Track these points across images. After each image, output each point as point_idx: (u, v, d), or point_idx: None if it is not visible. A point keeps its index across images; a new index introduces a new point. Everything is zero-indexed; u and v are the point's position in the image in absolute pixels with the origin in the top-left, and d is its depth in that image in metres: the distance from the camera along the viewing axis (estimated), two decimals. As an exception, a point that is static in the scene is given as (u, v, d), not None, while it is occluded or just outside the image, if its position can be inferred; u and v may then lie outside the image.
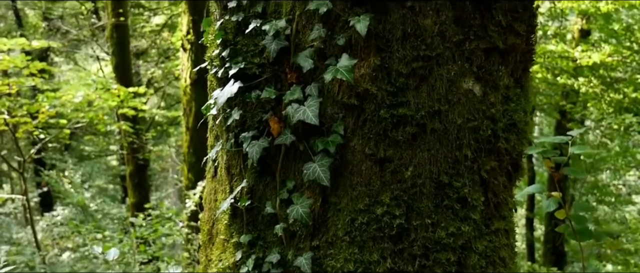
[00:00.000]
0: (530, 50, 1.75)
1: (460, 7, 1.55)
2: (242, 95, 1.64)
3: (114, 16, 9.53)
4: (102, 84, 8.70)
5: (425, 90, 1.56)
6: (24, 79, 8.31)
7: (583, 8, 8.33)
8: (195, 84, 8.00)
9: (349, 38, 1.55)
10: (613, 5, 7.99)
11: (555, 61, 9.16)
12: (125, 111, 8.54)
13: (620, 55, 8.94)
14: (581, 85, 9.53)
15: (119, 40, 9.74)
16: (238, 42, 1.67)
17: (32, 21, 12.99)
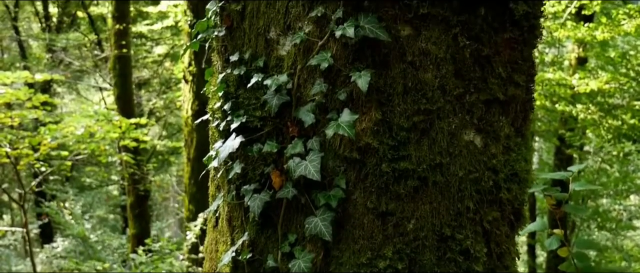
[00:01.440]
0: (530, 99, 1.76)
1: (461, 60, 1.57)
2: (244, 148, 1.65)
3: (116, 48, 9.62)
4: (104, 116, 8.73)
5: (427, 143, 1.57)
6: (27, 112, 8.34)
7: (579, 36, 8.39)
8: (196, 115, 8.03)
9: (350, 92, 1.56)
10: (609, 34, 8.05)
11: (553, 88, 9.20)
12: (127, 143, 8.55)
13: (618, 82, 8.99)
14: (579, 112, 9.56)
15: (121, 71, 9.81)
16: (240, 95, 1.69)
17: (35, 53, 13.11)
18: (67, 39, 11.67)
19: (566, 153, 10.66)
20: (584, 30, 8.13)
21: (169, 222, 13.86)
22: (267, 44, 1.65)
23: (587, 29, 8.08)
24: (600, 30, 7.97)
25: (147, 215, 10.00)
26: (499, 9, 1.57)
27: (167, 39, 12.84)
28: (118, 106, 9.85)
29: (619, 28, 7.90)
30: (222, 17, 1.70)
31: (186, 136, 8.27)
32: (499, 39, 1.60)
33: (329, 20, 1.54)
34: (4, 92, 7.96)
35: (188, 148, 8.30)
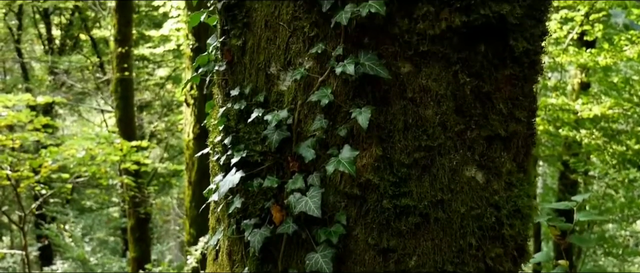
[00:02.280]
0: (532, 135, 1.75)
1: (461, 97, 1.56)
2: (244, 183, 1.64)
3: (118, 71, 9.67)
4: (105, 138, 8.74)
5: (428, 180, 1.56)
6: (28, 134, 8.35)
7: (582, 62, 8.42)
8: (198, 138, 8.04)
9: (350, 128, 1.55)
10: (611, 60, 8.07)
11: (556, 113, 9.20)
12: (128, 166, 8.55)
13: (621, 107, 8.98)
14: (583, 137, 9.54)
15: (123, 94, 9.85)
16: (240, 129, 1.68)
17: (38, 75, 13.18)
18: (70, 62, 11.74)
19: (570, 178, 10.61)
20: (586, 56, 8.16)
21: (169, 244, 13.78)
22: (267, 79, 1.64)
23: (589, 55, 8.11)
24: (603, 55, 7.99)
25: (148, 238, 9.95)
26: (499, 46, 1.57)
27: (169, 62, 12.92)
28: (119, 128, 9.87)
29: (622, 54, 7.92)
30: (223, 52, 1.70)
31: (187, 159, 8.26)
32: (500, 76, 1.60)
33: (329, 56, 1.54)
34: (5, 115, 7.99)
35: (189, 172, 8.29)
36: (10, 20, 12.71)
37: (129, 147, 8.50)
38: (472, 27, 1.52)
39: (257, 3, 1.64)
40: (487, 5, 1.52)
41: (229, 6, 1.68)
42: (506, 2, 1.55)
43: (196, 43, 7.73)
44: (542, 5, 1.66)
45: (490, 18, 1.52)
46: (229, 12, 1.68)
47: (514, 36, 1.58)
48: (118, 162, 8.60)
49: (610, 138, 9.74)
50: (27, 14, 13.20)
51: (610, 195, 11.30)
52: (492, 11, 1.52)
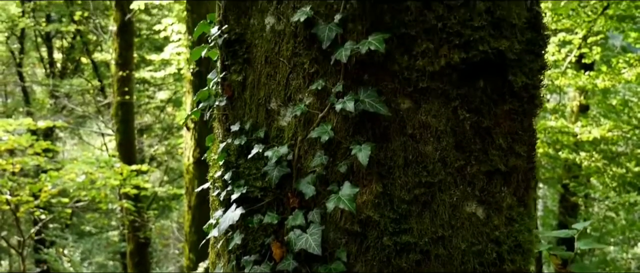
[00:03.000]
0: (532, 169, 1.75)
1: (461, 133, 1.56)
2: (244, 219, 1.64)
3: (119, 94, 9.71)
4: (105, 162, 8.74)
5: (428, 216, 1.55)
6: (28, 158, 8.35)
7: (580, 84, 8.46)
8: (198, 162, 8.03)
9: (350, 165, 1.55)
10: (610, 82, 8.11)
11: (555, 136, 9.21)
12: (128, 190, 8.53)
13: (620, 130, 8.99)
14: (583, 160, 9.54)
15: (124, 117, 9.88)
16: (240, 165, 1.68)
17: (39, 98, 13.23)
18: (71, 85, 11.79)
19: (571, 201, 10.58)
20: (585, 79, 8.20)
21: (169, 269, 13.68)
22: (267, 114, 1.65)
23: (587, 78, 8.15)
24: (601, 78, 8.03)
25: (147, 262, 9.88)
26: (498, 81, 1.58)
27: (170, 85, 12.97)
28: (120, 152, 9.87)
29: (620, 76, 7.96)
30: (224, 87, 1.71)
31: (187, 183, 8.24)
32: (499, 111, 1.60)
33: (329, 92, 1.55)
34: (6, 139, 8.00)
35: (189, 196, 8.26)
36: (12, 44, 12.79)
37: (129, 171, 8.49)
38: (471, 63, 1.53)
39: (258, 39, 1.65)
40: (486, 41, 1.53)
41: (229, 42, 1.69)
42: (505, 38, 1.56)
43: (197, 67, 7.77)
44: (541, 40, 1.67)
45: (489, 54, 1.53)
46: (229, 47, 1.69)
47: (513, 71, 1.59)
48: (118, 186, 8.58)
49: (610, 160, 9.74)
50: (29, 38, 13.30)
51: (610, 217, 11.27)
52: (491, 47, 1.53)
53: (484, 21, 1.52)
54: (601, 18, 7.03)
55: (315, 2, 1.55)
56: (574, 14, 7.00)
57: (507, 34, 1.56)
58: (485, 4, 1.53)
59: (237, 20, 1.69)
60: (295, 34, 1.58)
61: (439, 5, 1.50)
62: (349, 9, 1.52)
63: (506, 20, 1.56)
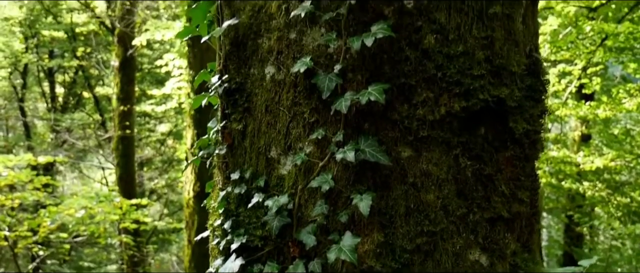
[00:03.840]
0: (535, 213, 1.73)
1: (463, 181, 1.55)
2: (244, 269, 1.61)
3: (120, 129, 9.74)
4: (105, 197, 8.70)
5: (431, 265, 1.53)
6: (28, 194, 8.33)
7: (581, 115, 8.47)
8: (198, 196, 7.99)
9: (351, 214, 1.54)
10: (611, 112, 8.11)
11: (558, 166, 9.18)
12: (127, 225, 8.47)
13: (623, 159, 8.97)
14: (587, 189, 9.49)
15: (124, 152, 9.89)
16: (240, 213, 1.67)
17: (40, 132, 13.27)
18: (72, 119, 11.83)
19: (576, 231, 10.50)
20: (585, 109, 8.20)
21: (168, 304, 13.49)
22: (268, 163, 1.64)
23: (588, 108, 8.16)
24: (602, 108, 8.04)
25: (147, 298, 9.75)
26: (499, 128, 1.57)
27: (171, 118, 13.00)
28: (119, 187, 9.84)
29: (621, 106, 7.97)
30: (224, 135, 1.70)
31: (187, 218, 8.19)
32: (501, 158, 1.59)
33: (329, 141, 1.54)
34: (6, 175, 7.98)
35: (189, 230, 8.20)
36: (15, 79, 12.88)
37: (128, 206, 8.45)
38: (471, 111, 1.53)
39: (258, 88, 1.65)
40: (486, 89, 1.53)
41: (230, 91, 1.69)
42: (505, 86, 1.56)
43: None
44: (541, 86, 1.67)
45: (490, 102, 1.53)
46: (230, 96, 1.70)
47: (514, 118, 1.59)
48: (117, 221, 8.53)
49: (614, 190, 9.69)
50: (32, 73, 13.40)
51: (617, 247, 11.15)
52: (491, 95, 1.53)
53: (484, 70, 1.52)
54: (600, 50, 7.08)
55: (315, 53, 1.55)
56: (572, 46, 7.04)
57: (507, 82, 1.56)
58: (484, 52, 1.53)
59: (237, 69, 1.69)
60: (296, 83, 1.58)
61: (438, 55, 1.51)
62: (348, 59, 1.52)
63: (506, 68, 1.56)
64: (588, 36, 7.04)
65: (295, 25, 1.58)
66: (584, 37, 7.03)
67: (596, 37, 7.01)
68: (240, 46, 1.69)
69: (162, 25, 8.41)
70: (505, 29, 1.59)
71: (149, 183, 12.83)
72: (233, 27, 1.68)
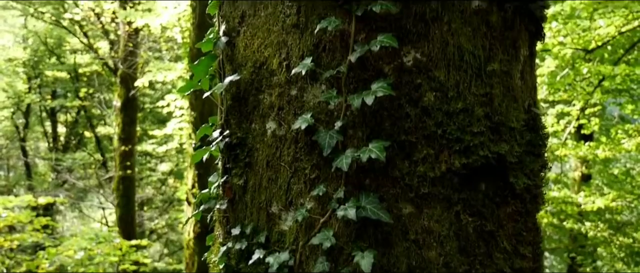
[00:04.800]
0: (538, 268, 1.72)
1: (464, 237, 1.55)
2: (245, 327, 1.59)
3: (121, 169, 9.74)
4: (105, 238, 8.65)
5: (434, 324, 1.51)
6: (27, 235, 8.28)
7: (581, 155, 8.48)
8: (198, 237, 7.94)
9: (353, 271, 1.52)
10: (610, 152, 8.13)
11: (559, 207, 9.14)
12: (126, 267, 8.39)
13: (624, 199, 8.94)
14: (588, 230, 9.43)
15: (125, 192, 9.86)
16: (241, 269, 1.66)
17: (41, 171, 13.26)
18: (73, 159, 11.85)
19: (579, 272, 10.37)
20: (585, 149, 8.22)
21: None
22: (268, 218, 1.64)
23: (588, 148, 8.18)
24: (601, 149, 8.06)
25: None
26: (500, 184, 1.58)
27: (172, 157, 13.01)
28: (119, 227, 9.79)
29: (620, 147, 7.99)
30: (225, 190, 1.71)
31: (188, 259, 8.11)
32: (502, 213, 1.59)
33: (330, 198, 1.54)
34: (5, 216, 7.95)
35: (189, 271, 8.11)
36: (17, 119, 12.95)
37: (128, 247, 8.39)
38: (472, 168, 1.53)
39: (259, 143, 1.66)
40: (486, 146, 1.54)
41: (231, 145, 1.70)
42: (504, 142, 1.57)
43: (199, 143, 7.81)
44: (540, 140, 1.68)
45: (490, 158, 1.54)
46: (231, 151, 1.71)
47: (514, 173, 1.59)
48: (117, 262, 8.45)
49: (616, 230, 9.62)
50: (34, 112, 13.47)
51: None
52: (491, 152, 1.54)
53: (483, 126, 1.54)
54: (597, 91, 7.14)
55: (316, 109, 1.57)
56: (570, 88, 7.11)
57: (506, 138, 1.57)
58: (483, 109, 1.55)
59: (238, 124, 1.71)
60: (296, 139, 1.59)
61: (438, 112, 1.52)
62: (349, 116, 1.54)
63: (505, 125, 1.58)
64: (585, 77, 7.11)
65: (296, 82, 1.60)
66: (581, 79, 7.10)
67: (593, 78, 7.08)
68: (242, 101, 1.71)
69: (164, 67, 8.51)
70: (504, 85, 1.61)
71: (149, 223, 12.75)
72: (235, 82, 1.71)
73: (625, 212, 9.40)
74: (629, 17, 6.91)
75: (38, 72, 12.50)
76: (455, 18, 1.57)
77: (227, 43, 1.75)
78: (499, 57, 1.61)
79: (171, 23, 8.54)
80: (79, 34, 11.68)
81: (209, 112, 7.29)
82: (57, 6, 12.01)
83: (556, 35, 7.20)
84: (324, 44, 1.59)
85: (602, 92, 7.25)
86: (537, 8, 1.69)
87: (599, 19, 7.00)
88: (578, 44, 7.20)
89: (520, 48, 1.68)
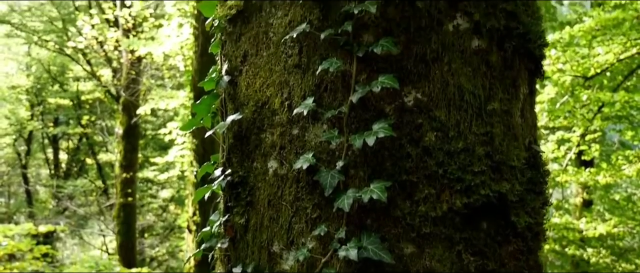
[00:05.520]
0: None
1: (466, 276, 1.54)
2: None
3: (122, 196, 9.73)
4: (105, 266, 8.60)
5: None
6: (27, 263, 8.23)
7: (582, 181, 8.46)
8: (199, 265, 7.89)
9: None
10: (611, 178, 8.12)
11: (561, 233, 9.09)
12: (127, 295, 8.31)
13: (626, 225, 8.89)
14: (591, 256, 9.36)
15: (126, 219, 9.84)
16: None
17: (42, 198, 13.23)
18: (75, 186, 11.84)
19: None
20: (586, 175, 8.21)
21: None
22: (270, 257, 1.64)
23: (589, 174, 8.17)
24: (602, 175, 8.05)
25: None
26: (501, 223, 1.58)
27: (173, 183, 12.99)
28: (120, 254, 9.74)
29: (621, 173, 7.98)
30: (226, 228, 1.71)
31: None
32: (503, 252, 1.59)
33: (332, 238, 1.54)
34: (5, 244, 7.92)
35: (189, 300, 8.04)
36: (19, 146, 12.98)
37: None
38: (473, 207, 1.54)
39: (261, 182, 1.67)
40: (487, 185, 1.55)
41: (232, 184, 1.71)
42: (505, 181, 1.58)
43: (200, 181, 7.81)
44: (541, 178, 1.69)
45: (491, 197, 1.55)
46: (232, 189, 1.71)
47: (516, 212, 1.60)
48: (117, 291, 8.39)
49: (618, 256, 9.55)
50: (37, 139, 13.51)
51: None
52: (492, 191, 1.55)
53: (484, 166, 1.55)
54: (597, 117, 7.16)
55: (318, 149, 1.58)
56: (570, 115, 7.13)
57: (507, 177, 1.58)
58: (484, 148, 1.56)
59: (240, 163, 1.72)
60: (298, 179, 1.60)
61: (439, 151, 1.53)
62: (350, 156, 1.55)
63: (506, 163, 1.58)
64: (585, 104, 7.14)
65: (298, 121, 1.62)
66: (581, 106, 7.13)
67: (593, 105, 7.11)
68: (244, 140, 1.73)
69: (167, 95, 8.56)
70: (504, 124, 1.62)
71: (149, 250, 12.67)
72: (237, 121, 1.72)
73: (627, 238, 9.35)
74: (627, 45, 6.97)
75: (41, 99, 12.57)
76: (456, 58, 1.59)
77: (230, 82, 1.77)
78: (499, 96, 1.63)
79: (174, 51, 8.62)
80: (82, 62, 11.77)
81: (210, 140, 7.30)
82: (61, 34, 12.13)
83: (555, 62, 7.25)
84: (325, 83, 1.60)
85: (601, 118, 7.27)
86: (536, 47, 1.72)
87: (598, 46, 7.06)
88: (577, 71, 7.25)
89: (520, 86, 1.70)
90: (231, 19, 1.79)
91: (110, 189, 12.47)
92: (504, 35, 1.65)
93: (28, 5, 13.16)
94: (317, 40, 1.61)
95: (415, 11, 1.58)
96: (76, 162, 13.24)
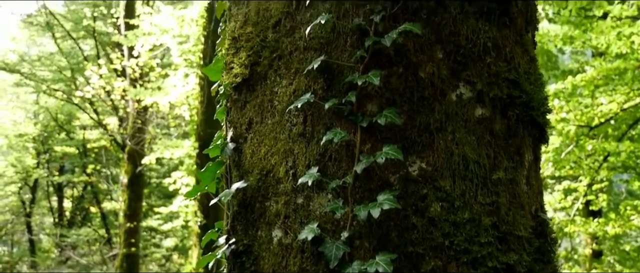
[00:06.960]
0: None
1: None
2: None
3: (125, 246, 9.65)
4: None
5: None
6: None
7: (591, 231, 8.35)
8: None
9: None
10: (620, 229, 8.00)
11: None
12: None
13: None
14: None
15: (129, 269, 9.72)
16: None
17: (45, 246, 13.14)
18: (78, 235, 11.76)
19: None
20: (594, 225, 8.10)
21: None
22: (274, 329, 1.60)
23: (597, 224, 8.06)
24: (611, 225, 7.94)
25: None
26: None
27: (177, 232, 12.89)
28: (122, 306, 9.57)
29: (629, 223, 7.87)
30: None
31: None
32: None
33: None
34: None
35: None
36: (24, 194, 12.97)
37: (130, 328, 8.17)
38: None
39: (265, 251, 1.65)
40: (494, 256, 1.52)
41: (237, 253, 1.69)
42: (513, 251, 1.56)
43: (204, 220, 7.79)
44: (549, 246, 1.66)
45: (499, 269, 1.52)
46: (236, 258, 1.69)
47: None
48: None
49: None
50: (41, 187, 13.51)
51: None
52: (500, 262, 1.53)
53: (491, 236, 1.53)
54: (604, 167, 7.12)
55: (322, 219, 1.57)
56: (575, 165, 7.10)
57: (514, 247, 1.56)
58: (490, 218, 1.55)
59: (245, 231, 1.70)
60: (303, 249, 1.58)
61: (444, 223, 1.52)
62: (355, 226, 1.54)
63: (513, 233, 1.57)
64: (590, 154, 7.11)
65: (303, 190, 1.61)
66: (586, 156, 7.10)
67: (598, 155, 7.09)
68: (248, 208, 1.72)
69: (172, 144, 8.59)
70: (510, 193, 1.61)
71: (152, 301, 12.47)
72: (241, 189, 1.72)
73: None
74: (630, 94, 7.00)
75: (47, 147, 12.64)
76: (459, 127, 1.59)
77: (235, 149, 1.77)
78: (504, 164, 1.62)
79: (179, 101, 8.71)
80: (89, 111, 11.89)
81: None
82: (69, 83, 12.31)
83: (559, 111, 7.27)
84: (330, 153, 1.61)
85: (608, 168, 7.23)
86: (539, 115, 1.72)
87: (601, 96, 7.09)
88: (581, 121, 7.26)
89: (525, 154, 1.70)
90: (236, 86, 1.81)
91: (114, 239, 12.39)
92: (507, 104, 1.65)
93: (38, 55, 13.41)
94: (321, 110, 1.62)
95: (418, 81, 1.59)
96: (80, 210, 13.20)
